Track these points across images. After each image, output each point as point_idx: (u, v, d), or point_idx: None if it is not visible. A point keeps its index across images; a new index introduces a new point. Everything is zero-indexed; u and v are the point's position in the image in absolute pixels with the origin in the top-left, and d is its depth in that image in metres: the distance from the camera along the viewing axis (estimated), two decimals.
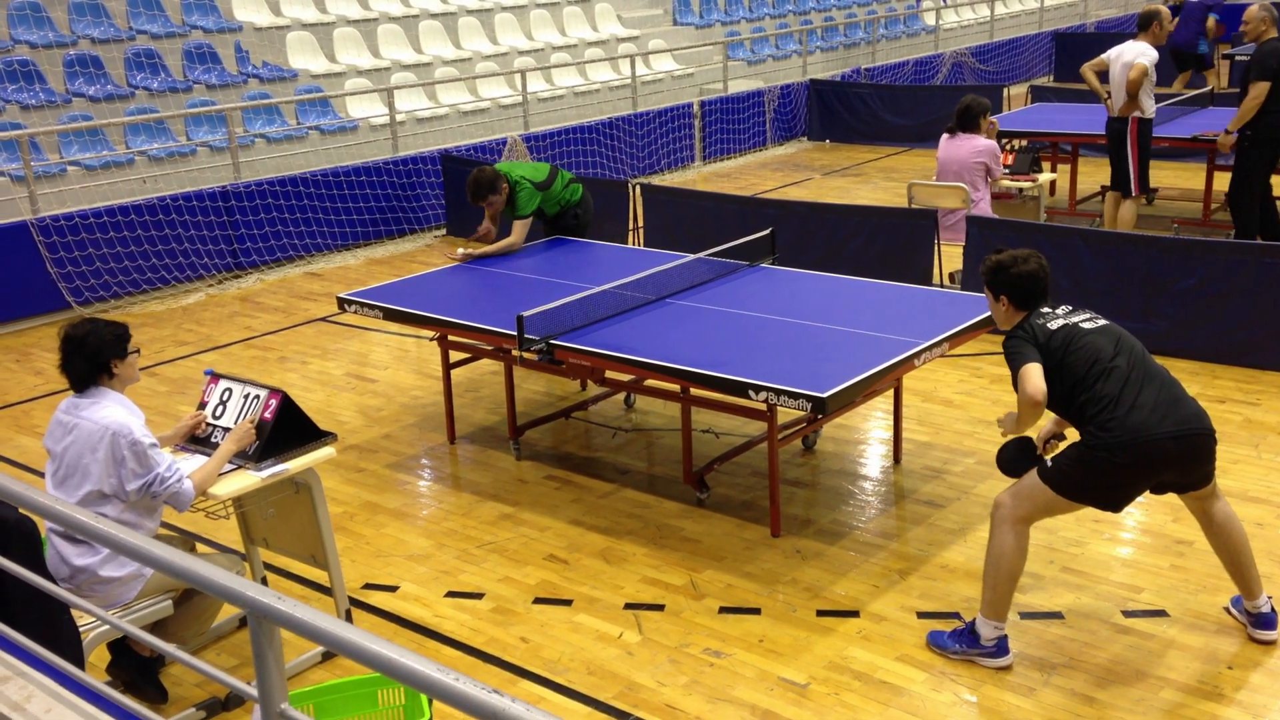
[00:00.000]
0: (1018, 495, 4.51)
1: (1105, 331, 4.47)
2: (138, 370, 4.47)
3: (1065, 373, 4.37)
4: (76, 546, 4.25)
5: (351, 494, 6.42)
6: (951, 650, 4.65)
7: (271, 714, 2.50)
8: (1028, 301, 4.54)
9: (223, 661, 4.94)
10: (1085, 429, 4.35)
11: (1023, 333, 4.46)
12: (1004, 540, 4.50)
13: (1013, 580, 4.53)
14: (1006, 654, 4.59)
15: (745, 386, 5.17)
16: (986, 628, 4.57)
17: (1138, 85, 9.23)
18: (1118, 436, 4.24)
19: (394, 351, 8.77)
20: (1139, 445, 4.24)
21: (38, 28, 11.83)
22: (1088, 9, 24.35)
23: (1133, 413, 4.26)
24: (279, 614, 2.41)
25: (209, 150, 11.75)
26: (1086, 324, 4.48)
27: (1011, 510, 4.50)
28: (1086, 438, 4.34)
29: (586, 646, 4.88)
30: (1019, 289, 4.53)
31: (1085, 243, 7.94)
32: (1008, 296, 4.56)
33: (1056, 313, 4.52)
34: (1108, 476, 4.34)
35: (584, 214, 7.97)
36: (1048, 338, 4.41)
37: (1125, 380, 4.31)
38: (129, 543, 2.86)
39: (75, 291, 9.89)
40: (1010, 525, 4.49)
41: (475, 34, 15.28)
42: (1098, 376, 4.33)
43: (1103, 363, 4.34)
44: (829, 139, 16.29)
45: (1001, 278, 4.55)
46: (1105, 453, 4.27)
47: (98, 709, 3.07)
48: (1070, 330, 4.42)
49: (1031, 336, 4.43)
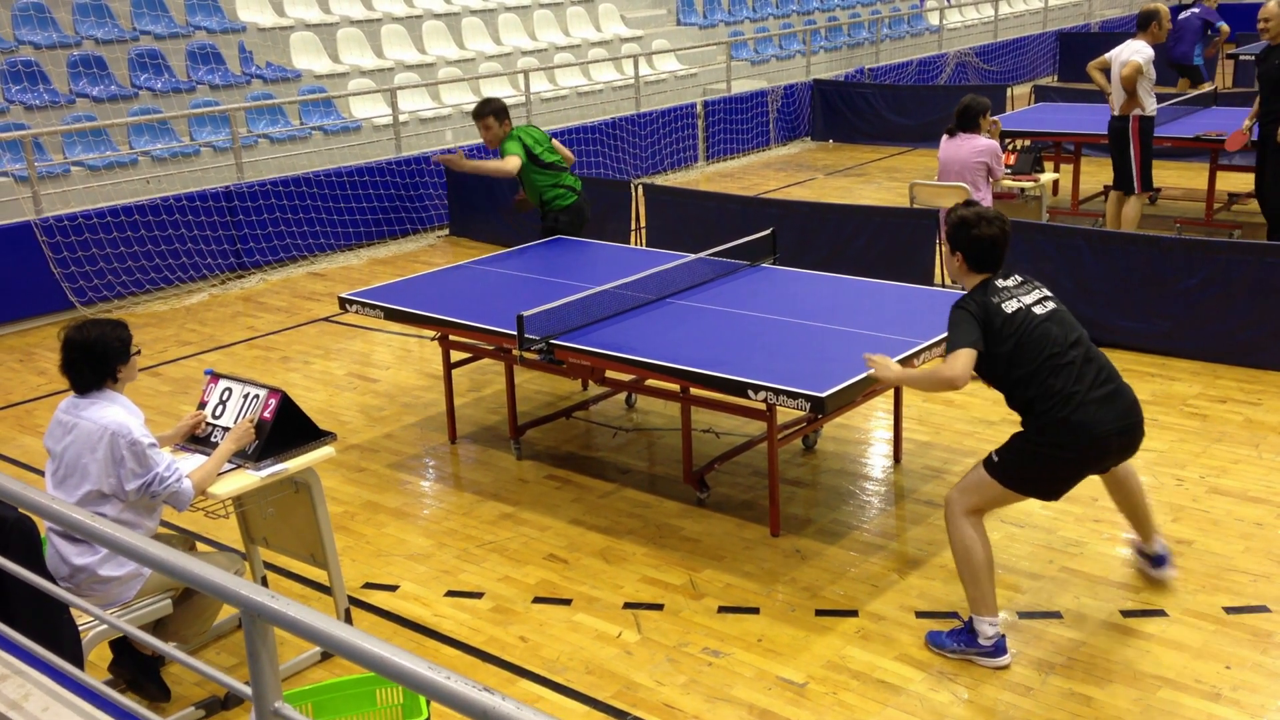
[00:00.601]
0: (965, 490, 4.62)
1: (1057, 319, 4.51)
2: (137, 370, 4.48)
3: (1015, 362, 4.42)
4: (76, 545, 4.26)
5: (352, 493, 6.43)
6: (950, 649, 4.66)
7: (265, 713, 2.51)
8: (983, 263, 4.59)
9: (222, 660, 4.96)
10: (1032, 421, 4.44)
11: (975, 307, 4.49)
12: (963, 534, 4.58)
13: (989, 570, 4.57)
14: (1005, 654, 4.59)
15: (745, 386, 5.18)
16: (983, 624, 4.58)
17: (1132, 82, 9.24)
18: (1065, 434, 4.36)
19: (396, 351, 8.78)
20: (1087, 441, 4.37)
21: (42, 28, 11.86)
22: (1092, 9, 24.32)
23: (1080, 409, 4.35)
24: (272, 613, 2.42)
25: (212, 150, 11.78)
26: (1039, 309, 4.51)
27: (961, 504, 4.60)
28: (1033, 431, 4.44)
29: (585, 646, 4.89)
30: (976, 249, 4.58)
31: (1087, 243, 7.94)
32: (964, 254, 4.62)
33: (1010, 288, 4.55)
34: (1054, 469, 4.47)
35: (566, 223, 8.00)
36: (1002, 322, 4.43)
37: (1076, 375, 4.38)
38: (126, 542, 2.87)
39: (79, 291, 9.92)
40: (964, 518, 4.59)
41: (479, 34, 15.29)
42: (1049, 371, 4.38)
43: (1056, 357, 4.39)
44: (832, 139, 16.29)
45: (961, 234, 4.60)
46: (1053, 449, 4.40)
47: (95, 708, 3.08)
48: (1025, 317, 4.44)
49: (982, 314, 4.46)
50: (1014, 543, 5.51)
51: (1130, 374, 7.41)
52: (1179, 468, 6.18)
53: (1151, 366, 7.57)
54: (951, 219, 4.68)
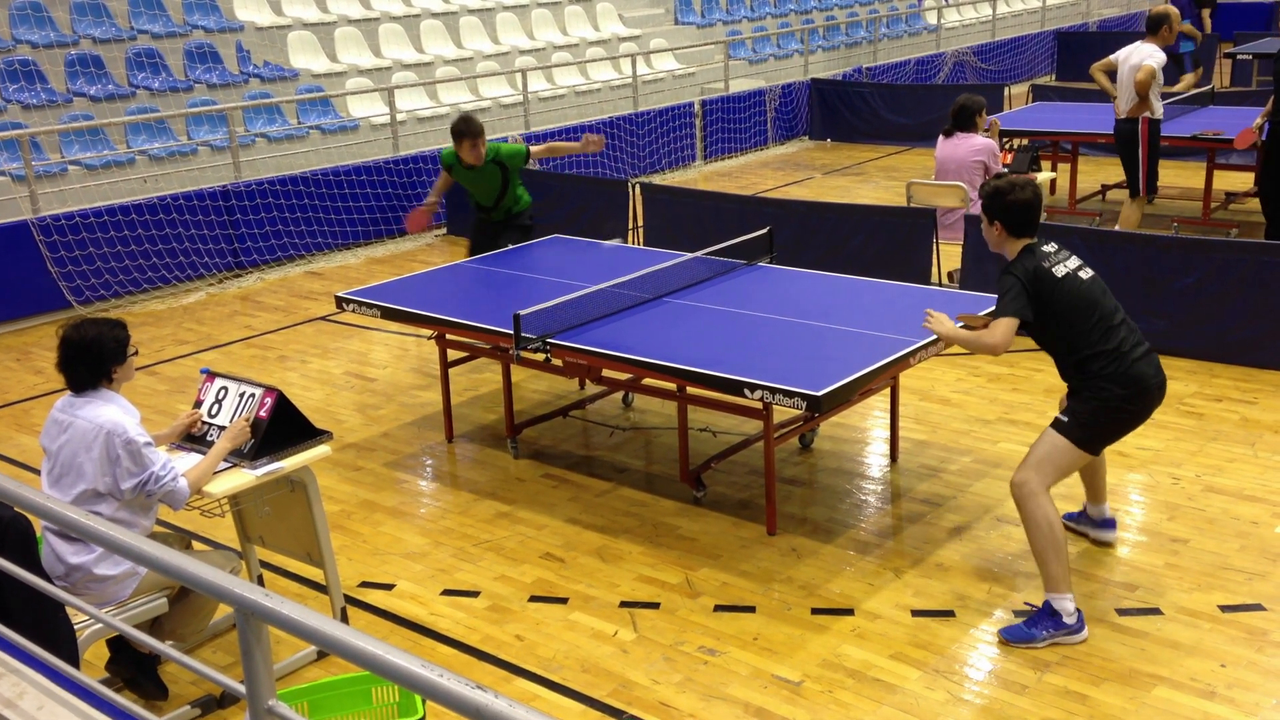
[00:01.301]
0: (1039, 464, 4.72)
1: (1099, 284, 4.76)
2: (134, 370, 4.49)
3: (1066, 325, 4.64)
4: (71, 544, 4.26)
5: (349, 492, 6.43)
6: (1040, 639, 4.69)
7: (259, 711, 2.51)
8: (1022, 228, 4.74)
9: (219, 659, 4.96)
10: (1091, 380, 4.63)
11: (1024, 274, 4.64)
12: (1046, 510, 4.68)
13: (1065, 546, 4.70)
14: (1084, 628, 4.73)
15: (741, 385, 5.18)
16: (1064, 602, 4.68)
17: (1146, 87, 9.23)
18: (1129, 387, 4.60)
19: (394, 350, 8.78)
20: (1144, 392, 4.66)
21: (39, 27, 11.85)
22: (1090, 8, 24.33)
23: (1134, 365, 4.62)
24: (265, 611, 2.42)
25: (210, 150, 11.77)
26: (1083, 274, 4.73)
27: (1039, 480, 4.70)
28: (1097, 390, 4.63)
29: (581, 644, 4.89)
30: (1013, 215, 4.72)
31: (1084, 241, 7.93)
32: (1002, 222, 4.75)
33: (1052, 253, 4.72)
34: (1121, 420, 4.72)
35: (531, 221, 8.10)
36: (1054, 286, 4.61)
37: (1124, 335, 4.65)
38: (121, 540, 2.87)
39: (76, 291, 9.92)
40: (1044, 493, 4.70)
41: (476, 33, 15.29)
42: (1102, 332, 4.62)
43: (1107, 318, 4.65)
44: (830, 138, 16.29)
45: (997, 203, 4.74)
46: (1120, 401, 4.63)
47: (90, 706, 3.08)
48: (1074, 281, 4.65)
49: (1032, 282, 4.62)
50: (1010, 541, 5.52)
51: None
52: (1175, 466, 6.19)
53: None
54: (984, 191, 4.82)
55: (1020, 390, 7.31)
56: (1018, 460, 6.31)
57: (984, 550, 5.46)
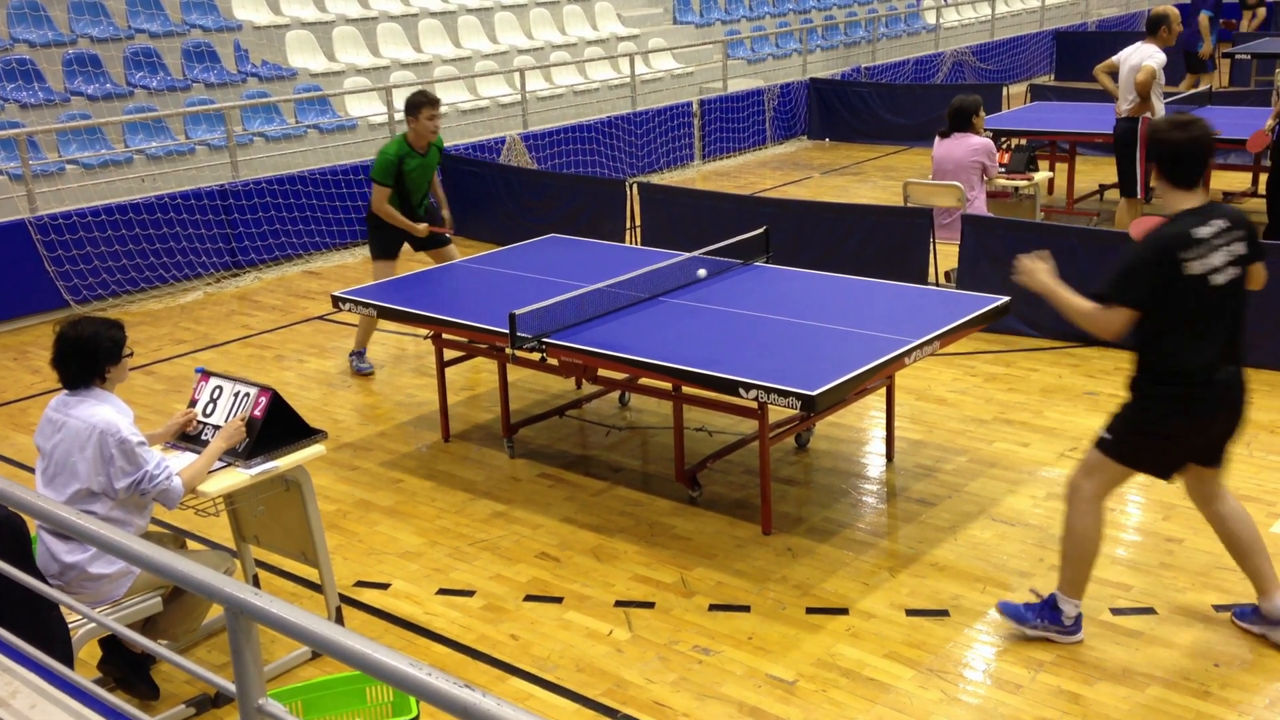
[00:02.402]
0: (1090, 471, 4.53)
1: (1233, 291, 4.27)
2: (128, 370, 4.49)
3: (1165, 318, 4.22)
4: (65, 543, 4.26)
5: (345, 492, 6.43)
6: (1031, 624, 4.70)
7: (249, 710, 2.51)
8: (1177, 176, 4.25)
9: (213, 659, 4.96)
10: (1157, 385, 4.35)
11: (1158, 257, 4.17)
12: (1088, 517, 4.53)
13: (1094, 561, 4.62)
14: (1080, 631, 4.69)
15: (736, 384, 5.18)
16: (1068, 605, 4.65)
17: (1147, 87, 9.23)
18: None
19: (391, 350, 8.78)
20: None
21: (37, 26, 11.85)
22: (1089, 8, 24.33)
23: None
24: (255, 610, 2.43)
25: (207, 149, 11.77)
26: (1219, 277, 4.19)
27: (1092, 488, 4.52)
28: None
29: (576, 644, 4.90)
30: (1165, 159, 4.25)
31: (1081, 242, 7.94)
32: (1157, 165, 4.31)
33: (1206, 239, 4.16)
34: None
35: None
36: (1177, 283, 4.14)
37: (1211, 342, 4.28)
38: (114, 540, 2.87)
39: (73, 290, 9.92)
40: (1095, 500, 4.53)
41: (475, 33, 15.29)
42: (1192, 337, 4.23)
43: (1198, 327, 4.22)
44: (829, 138, 16.29)
45: (1152, 145, 4.32)
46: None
47: (84, 706, 3.08)
48: (1201, 287, 4.16)
49: (1162, 270, 4.15)
50: (1005, 541, 5.52)
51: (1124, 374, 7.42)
52: None
53: None
54: (1150, 131, 4.41)
55: (1016, 390, 7.31)
56: (1014, 460, 6.35)
57: (979, 550, 5.46)
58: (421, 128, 7.65)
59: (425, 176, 7.88)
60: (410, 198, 7.86)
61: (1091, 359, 7.73)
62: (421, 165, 7.79)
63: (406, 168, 7.74)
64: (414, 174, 7.78)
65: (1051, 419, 6.83)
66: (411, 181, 7.80)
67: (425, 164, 7.82)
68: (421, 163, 7.78)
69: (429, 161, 7.84)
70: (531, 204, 11.31)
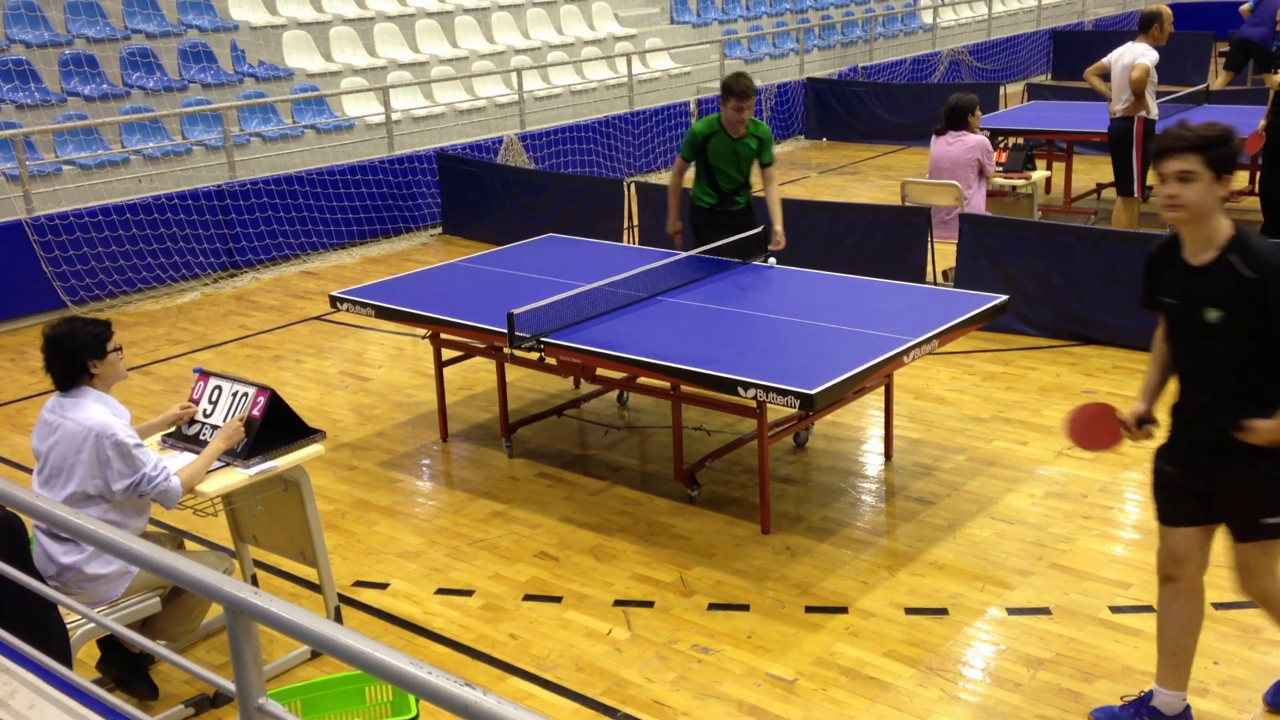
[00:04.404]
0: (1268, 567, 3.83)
1: None
2: (123, 368, 4.46)
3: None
4: (63, 544, 4.26)
5: (343, 492, 6.43)
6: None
7: (249, 709, 2.51)
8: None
9: (212, 659, 4.95)
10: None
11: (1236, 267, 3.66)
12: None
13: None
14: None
15: (734, 384, 5.18)
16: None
17: (1142, 85, 9.24)
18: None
19: (388, 350, 8.78)
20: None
21: (33, 27, 11.83)
22: (1085, 7, 24.34)
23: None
24: (254, 609, 2.42)
25: (204, 149, 11.76)
26: None
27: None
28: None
29: (575, 643, 4.89)
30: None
31: (1079, 240, 7.94)
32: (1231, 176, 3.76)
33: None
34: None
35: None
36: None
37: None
38: (112, 539, 2.86)
39: (70, 290, 9.90)
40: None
41: (472, 33, 15.28)
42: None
43: None
44: (826, 137, 16.29)
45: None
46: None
47: (82, 705, 3.08)
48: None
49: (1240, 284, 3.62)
50: (1004, 539, 5.52)
51: (1121, 371, 7.45)
52: None
53: (1142, 364, 7.52)
54: (1217, 131, 3.70)
55: (1015, 389, 7.31)
56: (1012, 458, 6.35)
57: (978, 548, 5.46)
58: (726, 116, 7.18)
59: (733, 162, 7.25)
60: (716, 177, 7.32)
61: (1089, 357, 7.73)
62: (731, 149, 7.20)
63: (710, 146, 7.22)
64: (718, 155, 7.23)
65: (1050, 417, 6.83)
66: (717, 159, 7.25)
67: (736, 149, 7.21)
68: (732, 147, 7.19)
69: (740, 148, 7.22)
70: (529, 204, 11.31)
